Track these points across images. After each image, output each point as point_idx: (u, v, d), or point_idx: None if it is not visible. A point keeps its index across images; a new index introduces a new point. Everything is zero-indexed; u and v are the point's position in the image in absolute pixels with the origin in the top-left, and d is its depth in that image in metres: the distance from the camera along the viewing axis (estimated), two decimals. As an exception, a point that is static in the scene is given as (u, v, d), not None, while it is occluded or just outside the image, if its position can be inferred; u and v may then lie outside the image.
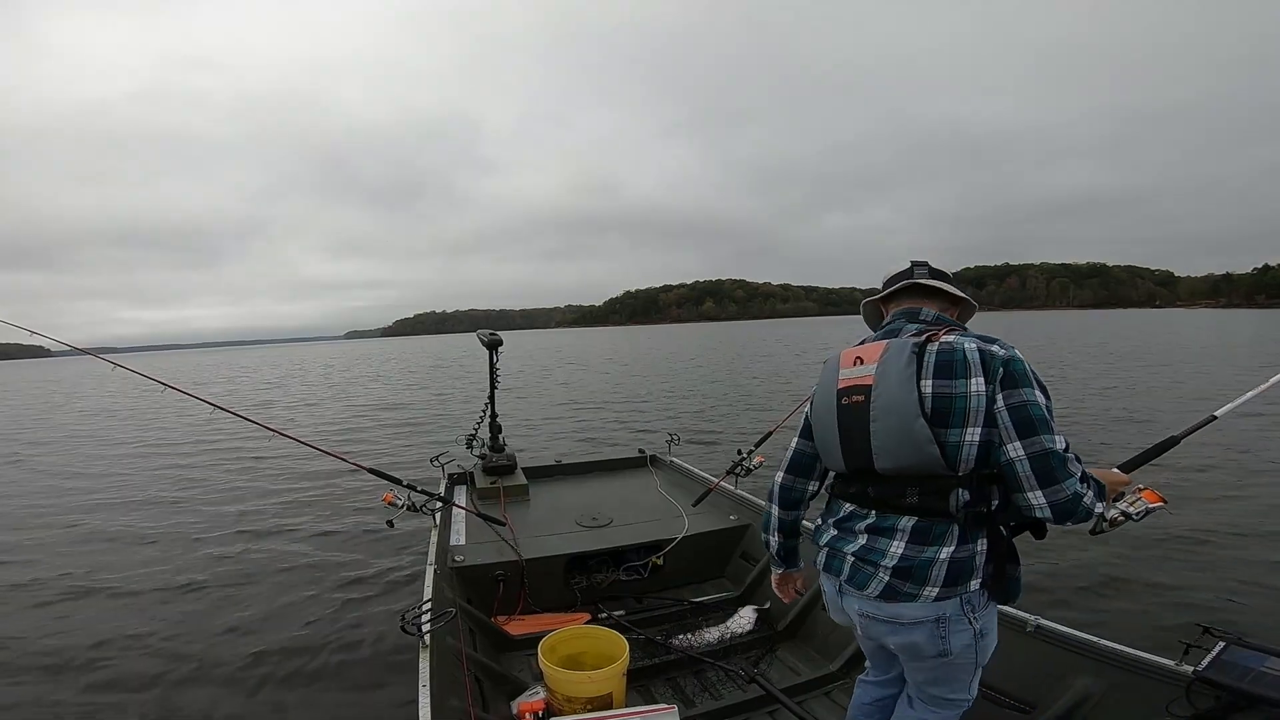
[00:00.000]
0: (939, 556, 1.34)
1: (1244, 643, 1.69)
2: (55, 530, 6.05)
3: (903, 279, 1.57)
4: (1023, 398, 1.29)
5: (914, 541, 1.37)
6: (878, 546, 1.41)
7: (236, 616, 3.95)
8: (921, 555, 1.35)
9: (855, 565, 1.44)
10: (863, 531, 1.45)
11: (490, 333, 4.55)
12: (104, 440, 12.34)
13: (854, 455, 1.45)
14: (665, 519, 3.52)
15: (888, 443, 1.37)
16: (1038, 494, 1.27)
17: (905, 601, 1.36)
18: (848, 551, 1.47)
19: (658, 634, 2.88)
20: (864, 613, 1.46)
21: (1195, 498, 5.50)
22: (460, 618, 2.48)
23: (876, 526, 1.43)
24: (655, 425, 10.72)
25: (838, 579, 1.50)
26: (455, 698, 2.03)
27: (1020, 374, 1.31)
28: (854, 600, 1.47)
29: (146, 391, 4.00)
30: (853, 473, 1.48)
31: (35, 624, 3.94)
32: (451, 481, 4.26)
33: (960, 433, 1.32)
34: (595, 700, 2.16)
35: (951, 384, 1.32)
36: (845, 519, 1.51)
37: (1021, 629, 2.10)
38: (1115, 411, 10.21)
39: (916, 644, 1.40)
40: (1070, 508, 1.27)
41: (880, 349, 1.44)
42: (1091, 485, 1.30)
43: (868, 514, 1.46)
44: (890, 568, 1.37)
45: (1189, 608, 3.65)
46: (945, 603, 1.35)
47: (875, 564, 1.40)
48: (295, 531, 5.65)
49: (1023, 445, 1.28)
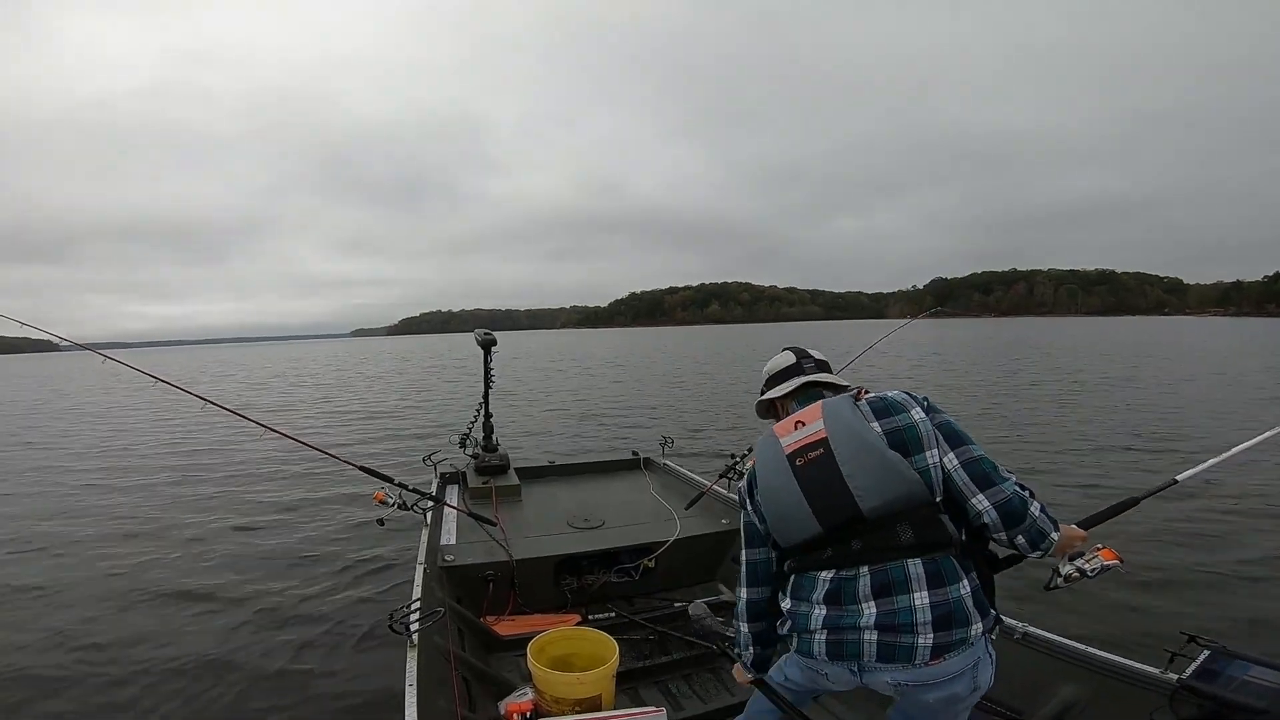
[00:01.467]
0: (963, 593, 1.29)
1: (1229, 651, 1.69)
2: (54, 527, 6.06)
3: (792, 374, 1.63)
4: (944, 418, 1.41)
5: (934, 586, 1.28)
6: (899, 606, 1.28)
7: (222, 614, 3.95)
8: (949, 597, 1.28)
9: (884, 641, 1.29)
10: (867, 597, 1.31)
11: (485, 332, 4.57)
12: (94, 436, 12.38)
13: (830, 511, 1.36)
14: (657, 522, 3.52)
15: (869, 479, 1.32)
16: (980, 498, 1.32)
17: (955, 652, 1.28)
18: (862, 626, 1.31)
19: (648, 636, 2.88)
20: (904, 682, 1.32)
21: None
22: (449, 618, 2.48)
23: (884, 583, 1.30)
24: (650, 428, 10.71)
25: (857, 660, 1.33)
26: (443, 698, 2.04)
27: (934, 405, 1.43)
28: (886, 674, 1.32)
29: (142, 387, 4.00)
30: (829, 532, 1.37)
31: (37, 623, 3.96)
32: (443, 481, 4.26)
33: (924, 457, 1.35)
34: (584, 702, 2.16)
35: (894, 420, 1.39)
36: (833, 591, 1.36)
37: (1009, 637, 2.09)
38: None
39: (956, 694, 1.32)
40: (1016, 510, 1.31)
41: (817, 408, 1.46)
42: (1032, 494, 1.35)
43: (857, 574, 1.33)
44: (928, 623, 1.26)
45: (1175, 616, 3.63)
46: (980, 642, 1.31)
47: (909, 626, 1.26)
48: (284, 528, 5.67)
49: (955, 455, 1.35)
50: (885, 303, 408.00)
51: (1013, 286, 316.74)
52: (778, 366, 1.68)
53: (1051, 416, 10.94)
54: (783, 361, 1.68)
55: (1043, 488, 5.68)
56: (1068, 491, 6.21)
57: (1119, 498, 1.84)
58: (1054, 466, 7.35)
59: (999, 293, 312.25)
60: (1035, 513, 1.33)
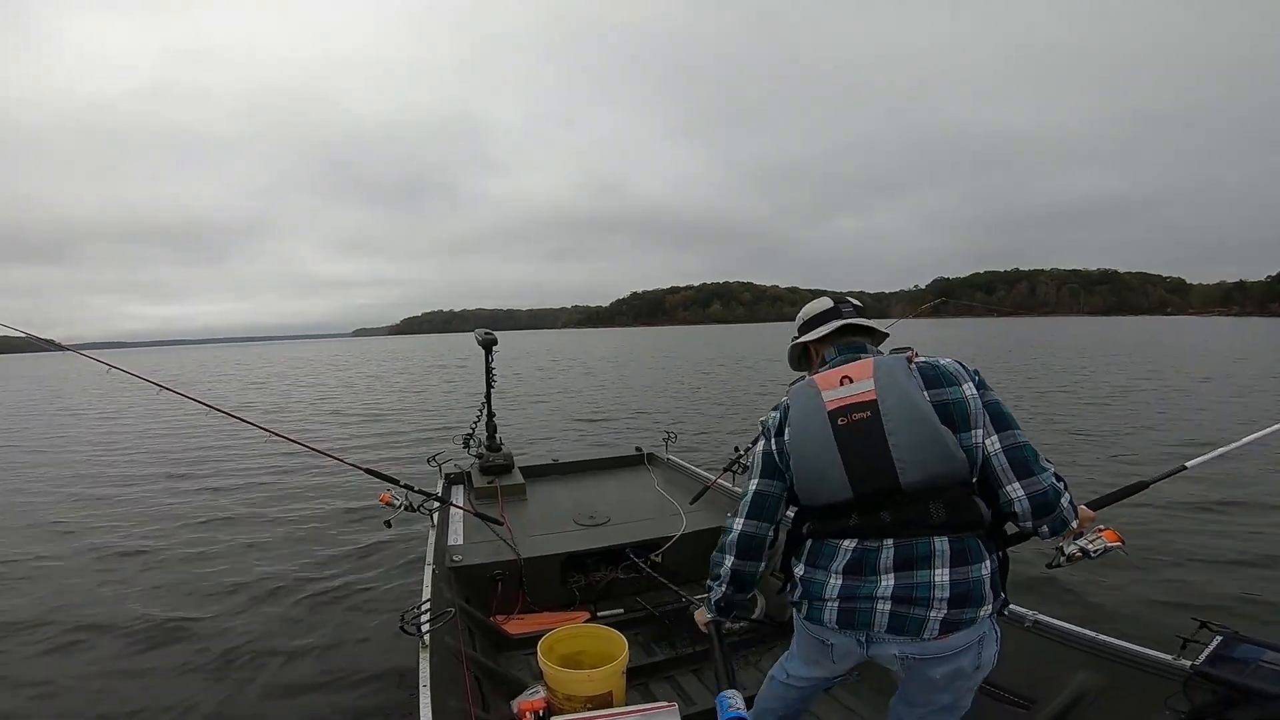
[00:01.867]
0: (984, 574, 1.29)
1: (1241, 637, 1.68)
2: (48, 535, 6.01)
3: (830, 319, 1.54)
4: (993, 397, 1.34)
5: (956, 565, 1.27)
6: (919, 580, 1.28)
7: (232, 618, 3.96)
8: (970, 576, 1.27)
9: (896, 612, 1.29)
10: (888, 570, 1.30)
11: (486, 332, 4.58)
12: (92, 439, 12.29)
13: (869, 477, 1.31)
14: (663, 517, 3.52)
15: (916, 454, 1.28)
16: (1015, 486, 1.29)
17: (963, 629, 1.29)
18: (878, 596, 1.30)
19: (657, 632, 2.88)
20: (909, 655, 1.33)
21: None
22: (459, 617, 2.49)
23: (907, 558, 1.29)
24: (653, 424, 10.71)
25: (866, 631, 1.34)
26: (455, 698, 2.04)
27: (984, 381, 1.36)
28: (893, 646, 1.33)
29: (139, 390, 4.02)
30: (861, 500, 1.33)
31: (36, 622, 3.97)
32: (449, 481, 4.27)
33: (970, 435, 1.30)
34: (595, 699, 2.16)
35: (944, 391, 1.32)
36: (855, 561, 1.34)
37: (1020, 625, 2.09)
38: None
39: (961, 668, 1.33)
40: (1047, 501, 1.29)
41: (869, 365, 1.39)
42: (1065, 485, 1.33)
43: (881, 545, 1.31)
44: (945, 599, 1.26)
45: (1187, 602, 3.64)
46: (987, 619, 1.32)
47: (925, 600, 1.27)
48: (292, 533, 5.66)
49: (999, 439, 1.30)
50: (887, 303, 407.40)
51: (1015, 286, 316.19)
52: (814, 310, 1.59)
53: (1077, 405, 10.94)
54: (820, 305, 1.59)
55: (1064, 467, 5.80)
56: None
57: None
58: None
59: (1001, 292, 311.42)
60: (1065, 504, 1.31)
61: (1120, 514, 1.72)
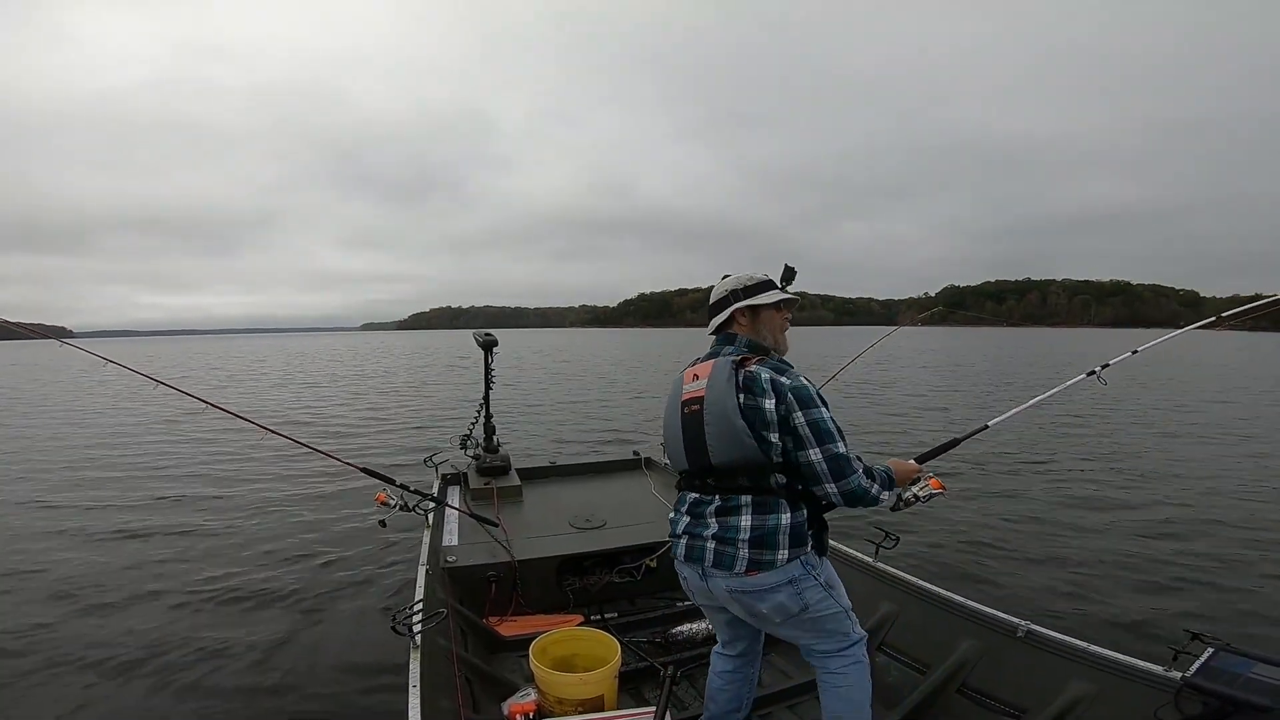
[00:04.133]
0: (781, 523, 1.64)
1: (1233, 649, 1.68)
2: (46, 526, 5.98)
3: (722, 309, 1.86)
4: (815, 415, 1.63)
5: (757, 513, 1.65)
6: (730, 523, 1.68)
7: (223, 615, 3.95)
8: (767, 523, 1.64)
9: (717, 550, 1.69)
10: (713, 515, 1.71)
11: (485, 333, 4.60)
12: (88, 433, 12.09)
13: (695, 454, 1.75)
14: (659, 521, 3.51)
15: (720, 441, 1.68)
16: (830, 485, 1.62)
17: (765, 570, 1.64)
18: (706, 536, 1.71)
19: (650, 636, 2.88)
20: (733, 589, 1.69)
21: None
22: (452, 618, 2.49)
23: (724, 508, 1.70)
24: (650, 428, 10.67)
25: (700, 565, 1.73)
26: (446, 699, 2.05)
27: (808, 397, 1.64)
28: (721, 581, 1.70)
29: (139, 381, 3.97)
30: (695, 469, 1.77)
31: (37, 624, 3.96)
32: (445, 482, 4.28)
33: (767, 433, 1.64)
34: (587, 702, 2.17)
35: (754, 399, 1.65)
36: (695, 506, 1.78)
37: (1012, 634, 2.08)
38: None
39: (782, 603, 1.66)
40: (856, 494, 1.62)
41: (710, 367, 1.77)
42: (878, 477, 1.67)
43: (713, 499, 1.73)
44: (746, 540, 1.64)
45: (1179, 613, 3.64)
46: (792, 565, 1.65)
47: (734, 541, 1.66)
48: (285, 530, 5.64)
49: (820, 450, 1.62)
50: (896, 309, 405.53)
51: (1026, 296, 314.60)
52: (713, 298, 1.91)
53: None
54: (716, 293, 1.90)
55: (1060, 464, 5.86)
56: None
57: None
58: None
59: (1011, 302, 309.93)
60: (872, 493, 1.64)
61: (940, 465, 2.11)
